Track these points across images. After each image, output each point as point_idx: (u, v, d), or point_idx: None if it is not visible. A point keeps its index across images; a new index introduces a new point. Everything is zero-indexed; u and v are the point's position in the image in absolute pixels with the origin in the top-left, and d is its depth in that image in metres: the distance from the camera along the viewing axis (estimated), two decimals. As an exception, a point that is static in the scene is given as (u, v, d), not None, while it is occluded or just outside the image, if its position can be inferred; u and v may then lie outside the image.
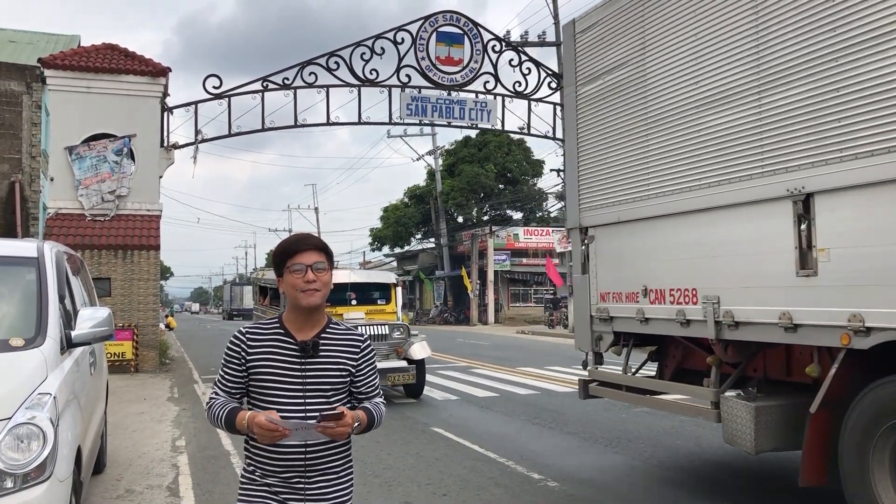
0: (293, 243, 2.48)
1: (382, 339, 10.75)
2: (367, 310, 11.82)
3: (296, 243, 2.47)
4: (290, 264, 2.42)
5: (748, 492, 5.99)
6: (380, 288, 12.57)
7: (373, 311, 11.94)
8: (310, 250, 2.44)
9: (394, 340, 10.96)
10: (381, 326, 10.93)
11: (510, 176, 44.24)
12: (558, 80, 19.33)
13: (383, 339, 10.79)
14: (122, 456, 7.28)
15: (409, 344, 11.02)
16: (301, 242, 2.47)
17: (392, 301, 12.39)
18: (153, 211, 15.71)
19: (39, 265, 4.45)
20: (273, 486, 2.42)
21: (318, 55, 16.56)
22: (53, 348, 4.02)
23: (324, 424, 2.27)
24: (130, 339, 14.75)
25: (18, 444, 3.33)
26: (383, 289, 12.56)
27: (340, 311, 11.27)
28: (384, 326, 10.95)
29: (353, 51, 16.61)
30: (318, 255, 2.45)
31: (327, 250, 2.50)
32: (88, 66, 15.27)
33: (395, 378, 10.61)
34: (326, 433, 2.29)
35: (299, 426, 2.29)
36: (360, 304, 11.84)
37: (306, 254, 2.43)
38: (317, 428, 2.28)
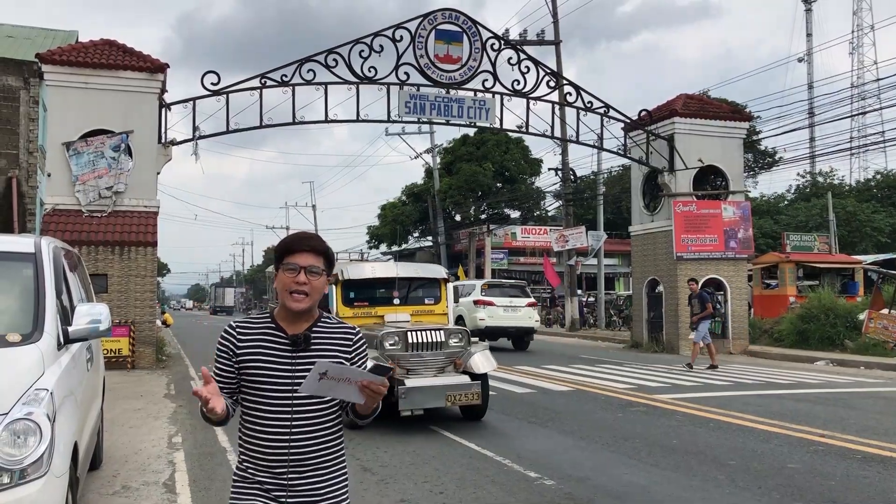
0: (293, 241, 2.46)
1: (437, 349, 8.75)
2: (412, 311, 9.89)
3: (296, 242, 2.45)
4: (286, 262, 2.41)
5: (747, 490, 6.00)
6: (428, 284, 10.41)
7: (420, 313, 9.98)
8: (307, 252, 2.42)
9: (451, 349, 8.86)
10: (436, 332, 8.80)
11: (508, 174, 44.25)
12: (557, 79, 19.34)
13: (438, 347, 8.76)
14: (119, 452, 7.27)
15: (469, 354, 8.91)
16: (300, 242, 2.45)
17: (443, 300, 10.29)
18: (150, 207, 15.68)
19: (36, 261, 4.44)
20: (264, 483, 2.41)
21: (316, 52, 16.52)
22: (50, 344, 4.01)
23: (371, 377, 2.20)
24: (127, 335, 14.72)
25: (15, 440, 3.32)
26: (432, 285, 10.39)
27: (381, 313, 9.70)
28: (439, 332, 8.81)
29: (351, 48, 16.58)
30: (316, 259, 2.42)
31: (327, 255, 2.46)
32: (86, 61, 15.22)
33: (455, 398, 8.39)
34: (370, 388, 2.22)
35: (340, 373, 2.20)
36: (405, 303, 9.94)
37: (303, 255, 2.41)
38: (358, 381, 2.21)
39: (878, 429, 8.52)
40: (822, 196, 36.69)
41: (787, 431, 8.31)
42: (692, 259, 19.14)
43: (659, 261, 19.81)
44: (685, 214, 19.13)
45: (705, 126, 19.65)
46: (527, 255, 42.48)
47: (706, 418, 9.20)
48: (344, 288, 9.64)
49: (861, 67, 54.05)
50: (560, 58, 26.95)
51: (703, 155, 19.38)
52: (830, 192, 35.43)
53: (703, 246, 19.23)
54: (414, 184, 48.25)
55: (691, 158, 19.23)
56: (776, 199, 43.43)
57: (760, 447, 7.56)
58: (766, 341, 19.92)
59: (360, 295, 9.81)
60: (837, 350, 17.38)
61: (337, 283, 9.49)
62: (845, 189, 42.45)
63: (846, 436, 8.05)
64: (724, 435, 8.19)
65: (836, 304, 18.64)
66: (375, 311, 9.75)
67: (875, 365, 15.34)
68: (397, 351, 8.47)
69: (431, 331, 8.78)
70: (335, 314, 8.85)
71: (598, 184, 33.93)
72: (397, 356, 8.39)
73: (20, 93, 18.97)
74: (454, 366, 8.79)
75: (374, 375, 2.22)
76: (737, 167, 20.32)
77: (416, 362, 8.58)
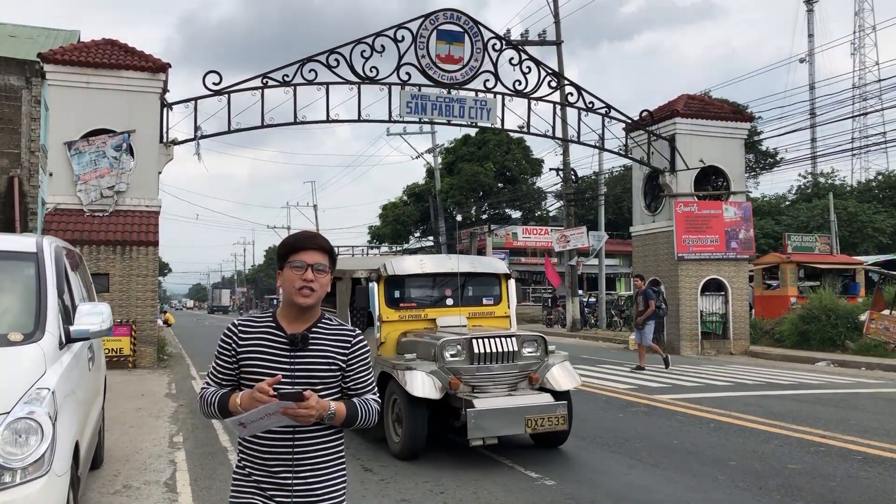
0: (299, 240, 2.50)
1: (509, 360, 7.12)
2: (469, 313, 8.22)
3: (301, 240, 2.49)
4: (292, 260, 2.44)
5: (748, 491, 6.00)
6: (486, 280, 8.60)
7: (477, 315, 8.31)
8: (314, 250, 2.46)
9: (526, 361, 7.23)
10: (507, 340, 7.14)
11: (509, 175, 44.26)
12: (558, 80, 19.33)
13: (510, 358, 7.12)
14: (120, 451, 7.28)
15: (547, 366, 7.30)
16: (306, 240, 2.49)
17: (504, 299, 8.57)
18: (152, 207, 15.69)
19: (38, 260, 4.45)
20: (262, 483, 2.42)
21: (318, 52, 16.52)
22: (52, 343, 4.02)
23: (284, 404, 2.24)
24: (128, 334, 14.74)
25: (16, 439, 3.33)
26: (491, 281, 8.60)
27: (432, 315, 8.05)
28: (510, 340, 7.15)
29: (353, 48, 16.58)
30: (321, 256, 2.46)
31: (332, 253, 2.50)
32: (88, 61, 15.24)
33: (536, 422, 6.69)
34: (287, 414, 2.27)
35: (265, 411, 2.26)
36: (460, 304, 8.27)
37: (310, 252, 2.45)
38: (280, 409, 2.26)
39: (878, 430, 8.51)
40: (824, 197, 36.66)
41: (787, 432, 8.30)
42: (693, 259, 19.14)
43: (660, 261, 19.81)
44: (686, 215, 19.12)
45: (707, 126, 19.65)
46: (528, 255, 42.46)
47: (707, 419, 9.20)
48: (388, 286, 8.00)
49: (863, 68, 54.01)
50: (561, 58, 26.95)
51: (704, 155, 19.37)
52: (832, 192, 35.41)
53: (705, 246, 19.23)
54: (415, 184, 48.28)
55: (692, 159, 19.23)
56: (777, 200, 43.40)
57: (761, 448, 7.56)
58: (766, 342, 19.91)
59: (407, 294, 8.22)
60: (838, 351, 17.36)
61: (379, 280, 7.91)
62: (847, 190, 42.40)
63: (847, 436, 8.04)
64: (724, 435, 8.19)
65: (838, 305, 18.62)
66: (425, 313, 8.08)
67: (876, 366, 15.33)
68: (460, 363, 7.00)
69: (501, 338, 7.13)
70: (378, 317, 7.87)
71: (599, 184, 33.92)
72: (460, 370, 6.97)
73: (22, 92, 19.00)
74: (529, 381, 7.20)
75: (285, 403, 2.25)
76: (738, 168, 20.30)
77: (483, 377, 7.02)
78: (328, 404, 2.38)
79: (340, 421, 2.44)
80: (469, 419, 6.55)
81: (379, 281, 7.94)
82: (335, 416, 2.41)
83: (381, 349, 7.81)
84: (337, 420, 2.43)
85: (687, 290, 19.00)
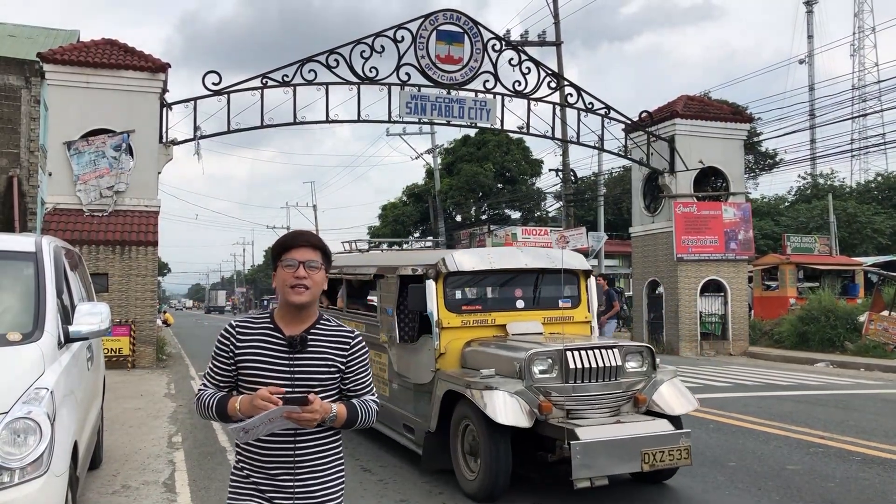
0: (290, 238, 2.49)
1: (610, 376, 5.76)
2: (543, 317, 6.87)
3: (292, 239, 2.49)
4: (284, 259, 2.44)
5: (747, 491, 6.00)
6: (563, 279, 7.11)
7: (554, 321, 6.94)
8: (305, 247, 2.45)
9: (630, 378, 5.90)
10: (609, 351, 5.79)
11: (509, 175, 44.24)
12: (558, 80, 19.33)
13: (612, 375, 5.77)
14: (119, 451, 7.28)
15: (655, 384, 5.98)
16: (297, 238, 2.48)
17: (583, 302, 7.19)
18: (151, 207, 15.69)
19: (37, 260, 4.45)
20: (261, 486, 2.41)
21: (317, 53, 16.51)
22: (51, 343, 4.02)
23: (288, 408, 2.24)
24: (128, 334, 14.73)
25: (15, 439, 3.33)
26: (567, 280, 7.17)
27: (501, 321, 6.67)
28: (612, 351, 5.81)
29: (352, 48, 16.58)
30: (313, 253, 2.45)
31: (324, 249, 2.49)
32: (87, 61, 15.23)
33: (655, 457, 5.38)
34: (292, 418, 2.26)
35: (268, 416, 2.25)
36: (532, 306, 6.90)
37: (301, 250, 2.44)
38: (283, 413, 2.25)
39: (877, 430, 8.52)
40: (823, 198, 36.67)
41: (786, 433, 8.31)
42: (692, 260, 19.14)
43: (659, 262, 19.81)
44: (685, 216, 19.13)
45: (706, 127, 19.65)
46: (527, 255, 42.38)
47: (706, 419, 9.20)
48: (448, 284, 6.62)
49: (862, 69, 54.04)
50: (561, 59, 26.95)
51: (703, 156, 19.37)
52: (831, 193, 35.42)
53: (704, 247, 19.23)
54: (415, 184, 48.25)
55: (692, 160, 19.23)
56: (777, 201, 43.41)
57: (760, 448, 7.56)
58: (766, 343, 19.91)
59: (471, 294, 6.95)
60: (837, 352, 17.36)
61: (437, 278, 6.50)
62: (846, 191, 42.41)
63: (846, 437, 8.05)
64: (723, 436, 8.19)
65: (837, 306, 18.62)
66: (492, 318, 6.70)
67: (875, 367, 15.33)
68: (552, 382, 5.65)
69: (601, 349, 5.79)
70: (436, 323, 6.41)
71: (598, 185, 33.93)
72: (551, 389, 5.61)
73: (21, 92, 19.00)
74: (634, 403, 5.85)
75: (289, 407, 2.24)
76: (737, 168, 20.31)
77: (580, 399, 5.66)
78: (331, 407, 2.38)
79: (342, 423, 2.44)
80: (574, 454, 5.15)
81: (437, 279, 6.49)
82: (337, 418, 2.40)
83: (441, 362, 6.39)
84: (338, 422, 2.42)
85: (686, 290, 19.00)
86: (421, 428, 6.58)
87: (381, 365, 7.48)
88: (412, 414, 6.85)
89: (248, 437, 2.33)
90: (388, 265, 7.46)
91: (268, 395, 2.26)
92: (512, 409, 5.44)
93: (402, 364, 7.07)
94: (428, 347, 6.54)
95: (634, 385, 5.91)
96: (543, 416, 5.49)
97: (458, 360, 6.44)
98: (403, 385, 7.06)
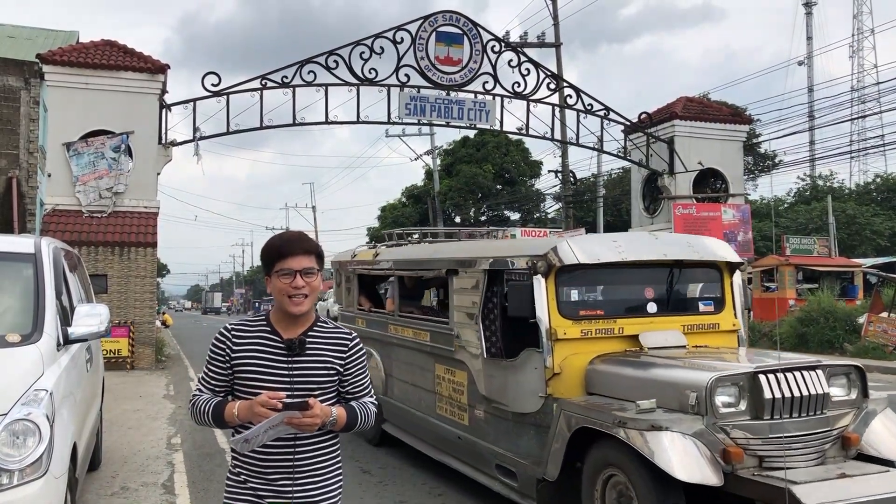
0: (283, 245, 2.39)
1: (815, 409, 4.22)
2: (684, 324, 5.32)
3: (286, 245, 2.39)
4: (279, 268, 2.36)
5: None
6: (703, 274, 5.70)
7: (695, 329, 5.36)
8: (299, 255, 2.36)
9: (836, 409, 4.36)
10: (811, 375, 4.26)
11: (508, 176, 44.27)
12: (557, 82, 19.35)
13: (816, 406, 4.23)
14: (118, 453, 7.27)
15: (866, 417, 4.45)
16: (290, 245, 2.39)
17: (727, 303, 5.72)
18: (150, 208, 15.69)
19: (37, 261, 4.44)
20: (259, 490, 2.39)
21: (317, 54, 16.54)
22: (50, 344, 4.01)
23: (289, 414, 2.21)
24: (127, 336, 14.72)
25: (14, 441, 3.33)
26: (709, 276, 5.71)
27: (630, 330, 5.10)
28: (814, 374, 4.28)
29: (352, 50, 16.60)
30: (308, 260, 2.37)
31: (318, 252, 2.42)
32: (87, 62, 15.24)
33: None
34: (293, 424, 2.24)
35: (269, 423, 2.23)
36: (667, 310, 5.37)
37: (296, 258, 2.35)
38: (284, 419, 2.22)
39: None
40: (822, 199, 36.71)
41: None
42: (692, 262, 19.14)
43: (659, 263, 19.79)
44: (685, 217, 19.14)
45: (705, 129, 19.68)
46: (527, 256, 42.40)
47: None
48: (561, 283, 5.03)
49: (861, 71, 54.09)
50: (560, 60, 26.94)
51: (702, 158, 19.40)
52: (830, 195, 35.45)
53: (703, 248, 19.23)
54: (414, 185, 48.26)
55: (691, 161, 19.25)
56: (776, 202, 43.44)
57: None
58: (765, 344, 19.88)
59: (592, 297, 5.40)
60: (837, 353, 17.35)
61: (549, 274, 4.94)
62: (845, 192, 42.45)
63: (845, 439, 8.02)
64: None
65: (836, 308, 18.62)
66: (619, 325, 5.08)
67: (874, 368, 15.33)
68: (739, 418, 4.12)
69: (803, 371, 4.25)
70: (547, 333, 4.82)
71: (598, 186, 33.94)
72: (739, 427, 4.09)
73: (21, 93, 18.95)
74: (843, 444, 4.28)
75: (290, 413, 2.23)
76: (737, 170, 20.34)
77: (779, 441, 4.07)
78: (331, 410, 2.35)
79: (341, 427, 2.41)
80: None
81: (548, 274, 4.92)
82: (337, 421, 2.38)
83: (555, 385, 4.80)
84: (338, 426, 2.40)
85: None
86: (528, 473, 4.90)
87: (456, 385, 5.97)
88: (512, 453, 5.15)
89: (249, 446, 2.30)
90: (468, 257, 5.92)
91: (267, 400, 2.22)
92: (693, 458, 3.91)
93: (493, 386, 5.35)
94: (533, 365, 4.93)
95: (840, 419, 4.31)
96: (731, 465, 3.96)
97: (579, 383, 4.83)
98: (495, 413, 5.40)
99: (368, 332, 7.74)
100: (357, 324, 8.28)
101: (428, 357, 6.53)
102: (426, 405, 6.58)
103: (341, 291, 9.07)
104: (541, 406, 4.87)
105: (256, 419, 2.24)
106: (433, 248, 7.54)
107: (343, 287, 8.95)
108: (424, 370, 6.62)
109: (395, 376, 7.37)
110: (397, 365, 7.32)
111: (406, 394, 7.07)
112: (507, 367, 5.25)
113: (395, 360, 7.36)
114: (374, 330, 7.75)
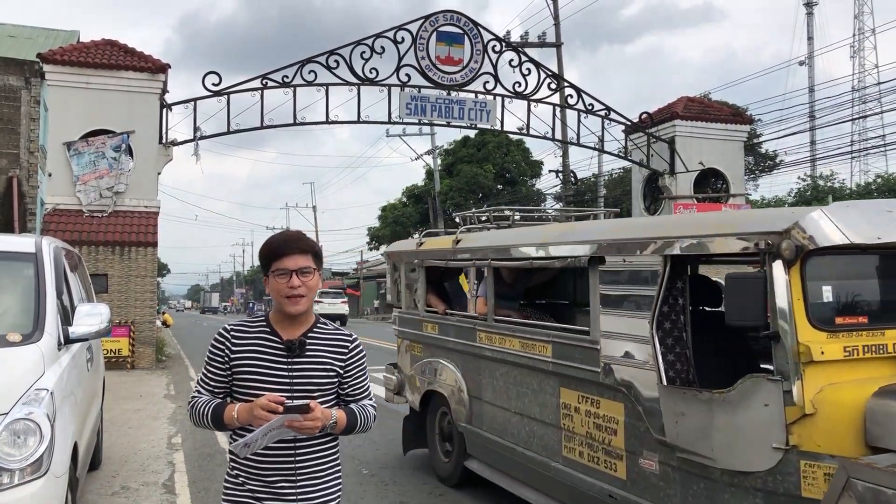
0: (279, 245, 2.38)
1: None
2: None
3: (282, 245, 2.38)
4: (275, 268, 2.35)
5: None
6: None
7: None
8: (296, 254, 2.35)
9: None
10: None
11: (509, 176, 44.28)
12: (558, 82, 19.34)
13: None
14: (118, 453, 7.27)
15: None
16: (287, 245, 2.37)
17: None
18: (151, 207, 15.68)
19: (37, 260, 4.44)
20: (258, 493, 2.37)
21: (317, 53, 16.53)
22: (51, 344, 4.01)
23: (290, 417, 2.20)
24: (127, 335, 14.72)
25: (15, 440, 3.32)
26: None
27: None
28: None
29: (352, 49, 16.60)
30: (305, 259, 2.36)
31: (315, 251, 2.41)
32: (87, 61, 15.23)
33: None
34: (293, 427, 2.23)
35: (269, 427, 2.22)
36: None
37: (292, 258, 2.34)
38: (285, 422, 2.21)
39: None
40: (823, 199, 36.70)
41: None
42: (692, 262, 19.13)
43: (659, 263, 19.77)
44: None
45: (706, 129, 19.67)
46: (527, 256, 42.40)
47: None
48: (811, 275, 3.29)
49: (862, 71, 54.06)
50: (561, 60, 26.95)
51: (703, 158, 19.39)
52: (831, 195, 35.45)
53: (704, 249, 19.22)
54: (414, 185, 48.27)
55: (692, 161, 19.25)
56: (777, 203, 43.43)
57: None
58: (766, 344, 19.92)
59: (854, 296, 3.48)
60: None
61: (794, 261, 3.24)
62: (846, 192, 42.43)
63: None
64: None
65: None
66: (887, 337, 3.32)
67: (875, 368, 15.32)
68: None
69: None
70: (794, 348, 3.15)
71: (598, 186, 33.94)
72: None
73: (21, 92, 18.99)
74: None
75: (291, 416, 2.21)
76: (737, 170, 20.33)
77: None
78: (331, 413, 2.34)
79: (341, 429, 2.40)
80: None
81: (793, 262, 3.25)
82: (337, 424, 2.37)
83: (802, 431, 3.16)
84: (338, 428, 2.39)
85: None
86: None
87: (604, 421, 4.29)
88: None
89: (249, 450, 2.28)
90: (636, 238, 4.23)
91: (268, 403, 2.21)
92: None
93: (683, 428, 3.63)
94: (762, 400, 3.28)
95: None
96: None
97: (848, 430, 3.08)
98: (683, 468, 3.70)
99: (442, 341, 6.25)
100: (425, 329, 6.58)
101: (548, 378, 4.79)
102: (544, 444, 4.86)
103: (397, 289, 7.26)
104: (777, 463, 3.21)
105: (257, 422, 2.23)
106: (560, 228, 5.57)
107: (402, 284, 7.11)
108: (541, 395, 4.89)
109: (487, 400, 5.56)
110: (490, 385, 5.51)
111: (506, 425, 5.31)
112: (712, 401, 3.47)
113: (486, 378, 5.58)
114: (451, 338, 6.10)
